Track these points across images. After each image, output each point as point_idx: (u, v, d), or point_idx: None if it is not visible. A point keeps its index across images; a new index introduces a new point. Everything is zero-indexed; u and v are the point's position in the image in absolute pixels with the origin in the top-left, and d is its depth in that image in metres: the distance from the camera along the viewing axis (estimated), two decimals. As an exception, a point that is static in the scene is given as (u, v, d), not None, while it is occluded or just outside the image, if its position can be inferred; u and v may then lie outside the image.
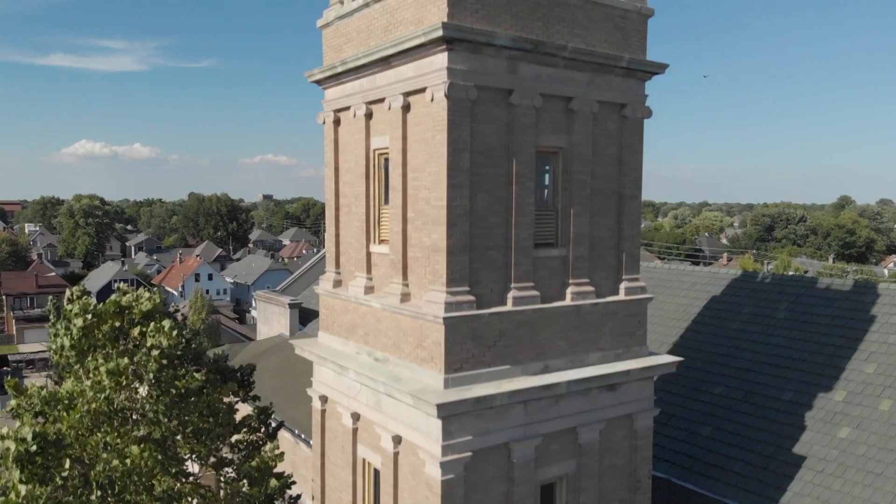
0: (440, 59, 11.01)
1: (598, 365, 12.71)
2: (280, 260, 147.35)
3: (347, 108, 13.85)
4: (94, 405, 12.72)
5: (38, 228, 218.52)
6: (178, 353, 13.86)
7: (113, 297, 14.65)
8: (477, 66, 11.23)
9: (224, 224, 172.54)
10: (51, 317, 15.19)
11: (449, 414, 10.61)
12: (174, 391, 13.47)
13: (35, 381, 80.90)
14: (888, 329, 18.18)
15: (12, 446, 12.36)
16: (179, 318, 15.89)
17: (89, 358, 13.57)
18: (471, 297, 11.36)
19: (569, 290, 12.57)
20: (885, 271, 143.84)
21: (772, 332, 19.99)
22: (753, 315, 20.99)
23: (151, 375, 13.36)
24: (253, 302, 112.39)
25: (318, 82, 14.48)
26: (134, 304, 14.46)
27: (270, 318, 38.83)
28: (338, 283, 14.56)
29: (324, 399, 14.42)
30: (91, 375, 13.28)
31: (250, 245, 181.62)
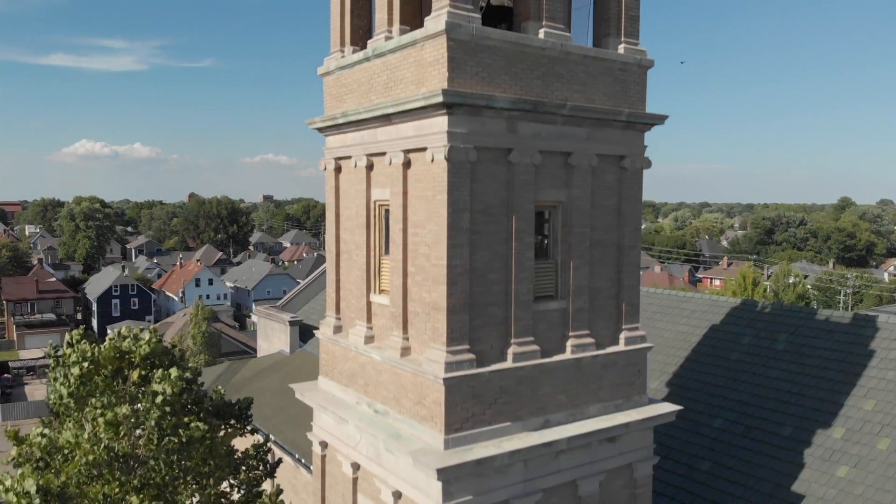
0: (440, 122, 11.06)
1: (598, 417, 12.77)
2: (280, 263, 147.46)
3: (348, 158, 13.90)
4: (91, 457, 12.77)
5: (38, 230, 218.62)
6: (182, 400, 13.93)
7: (112, 341, 14.69)
8: (477, 128, 11.28)
9: (224, 227, 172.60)
10: (50, 362, 15.25)
11: (449, 477, 10.67)
12: (176, 440, 13.53)
13: (35, 388, 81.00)
14: (887, 365, 18.23)
15: (14, 500, 12.43)
16: (177, 352, 15.92)
17: (87, 408, 13.63)
18: (471, 356, 11.41)
19: (569, 343, 12.62)
20: (886, 275, 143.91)
21: (771, 365, 20.02)
22: (753, 346, 21.03)
23: (153, 423, 13.40)
24: (253, 307, 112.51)
25: (320, 130, 14.52)
26: (134, 347, 14.50)
27: (270, 334, 38.88)
28: (338, 329, 14.60)
29: (324, 444, 14.47)
30: (90, 425, 13.32)
31: (251, 248, 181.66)
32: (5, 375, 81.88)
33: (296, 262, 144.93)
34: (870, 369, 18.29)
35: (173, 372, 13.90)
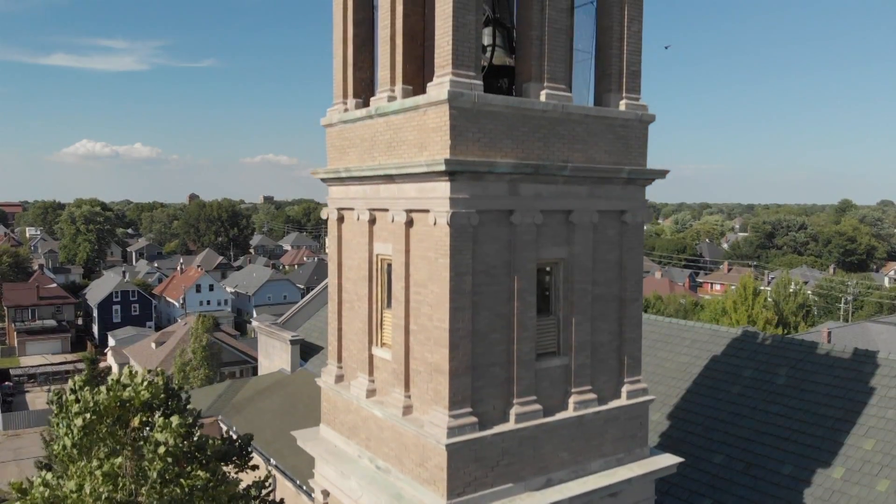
0: (443, 188, 11.10)
1: (600, 473, 12.82)
2: (281, 268, 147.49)
3: (351, 209, 13.94)
4: (93, 509, 12.84)
5: (38, 233, 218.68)
6: (184, 448, 13.99)
7: (113, 388, 14.74)
8: (479, 192, 11.33)
9: (225, 230, 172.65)
10: (53, 409, 15.34)
11: (452, 544, 10.73)
12: (178, 489, 13.59)
13: (36, 395, 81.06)
14: (886, 403, 18.27)
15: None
16: (177, 384, 15.98)
17: (84, 461, 13.71)
18: (473, 419, 11.46)
19: (571, 400, 12.67)
20: (886, 280, 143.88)
21: (772, 400, 20.06)
22: (754, 380, 21.07)
23: (155, 473, 13.46)
24: (254, 313, 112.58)
25: (323, 180, 14.57)
26: (134, 396, 14.55)
27: (271, 352, 38.91)
28: (339, 379, 14.65)
29: (326, 493, 14.52)
30: (90, 477, 13.39)
31: (251, 252, 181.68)
32: (6, 383, 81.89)
33: (296, 267, 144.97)
34: (870, 407, 18.34)
35: (175, 420, 13.96)
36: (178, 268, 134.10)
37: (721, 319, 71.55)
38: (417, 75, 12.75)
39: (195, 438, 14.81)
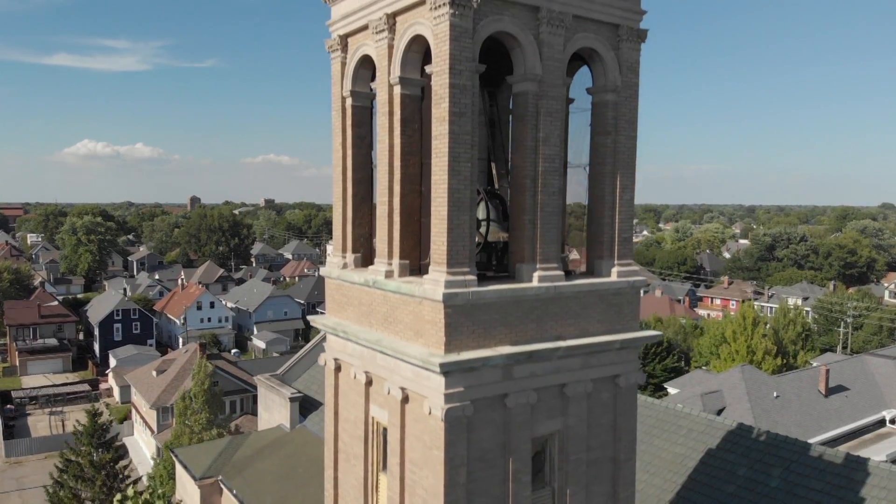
0: (438, 382, 11.31)
1: None
2: (282, 280, 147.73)
3: (349, 364, 14.14)
4: None
5: (40, 240, 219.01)
6: None
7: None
8: (473, 382, 11.53)
9: (226, 240, 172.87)
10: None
11: None
12: None
13: (38, 419, 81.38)
14: (878, 516, 18.53)
15: None
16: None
17: None
18: None
19: (564, 566, 12.87)
20: (886, 293, 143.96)
21: (765, 503, 20.34)
22: (748, 479, 21.32)
23: None
24: (255, 329, 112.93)
25: (323, 330, 14.77)
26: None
27: (271, 406, 39.16)
28: (338, 527, 14.86)
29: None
30: None
31: (252, 260, 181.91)
32: (8, 406, 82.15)
33: (297, 279, 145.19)
34: (861, 520, 18.60)
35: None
36: (179, 282, 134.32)
37: (721, 348, 71.79)
38: (415, 248, 12.96)
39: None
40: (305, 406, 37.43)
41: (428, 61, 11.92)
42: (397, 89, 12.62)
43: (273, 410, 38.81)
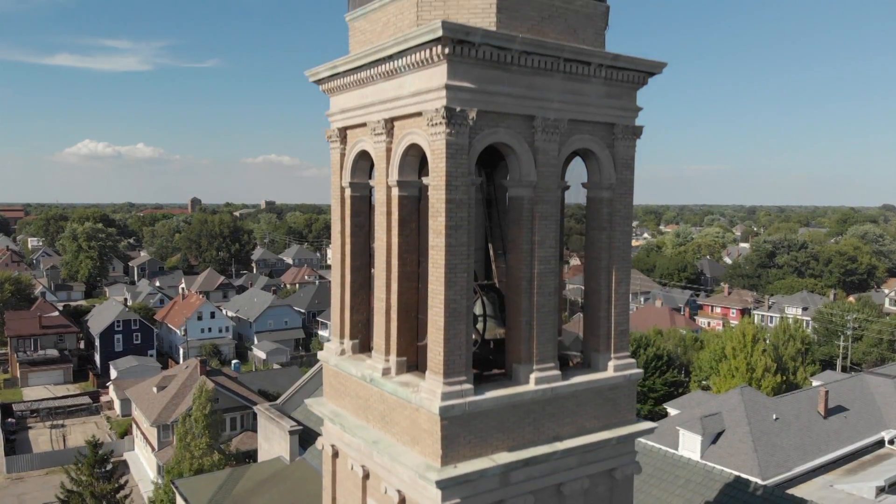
0: (434, 493, 11.43)
1: None
2: (282, 287, 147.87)
3: (347, 455, 14.26)
4: None
5: (40, 244, 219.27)
6: None
7: None
8: (470, 492, 11.62)
9: (227, 245, 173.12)
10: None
11: None
12: None
13: (39, 432, 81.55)
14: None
15: None
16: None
17: None
18: None
19: None
20: (887, 300, 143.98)
21: (762, 563, 20.46)
22: (745, 536, 21.46)
23: None
24: (255, 339, 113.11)
25: (321, 413, 14.89)
26: None
27: (271, 437, 39.32)
28: None
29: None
30: None
31: (253, 265, 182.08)
32: (9, 420, 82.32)
33: (297, 287, 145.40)
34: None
35: None
36: (180, 290, 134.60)
37: (721, 364, 71.91)
38: (412, 344, 13.07)
39: None
40: (305, 438, 37.58)
41: (426, 162, 12.04)
42: (395, 191, 12.74)
43: (273, 441, 38.95)
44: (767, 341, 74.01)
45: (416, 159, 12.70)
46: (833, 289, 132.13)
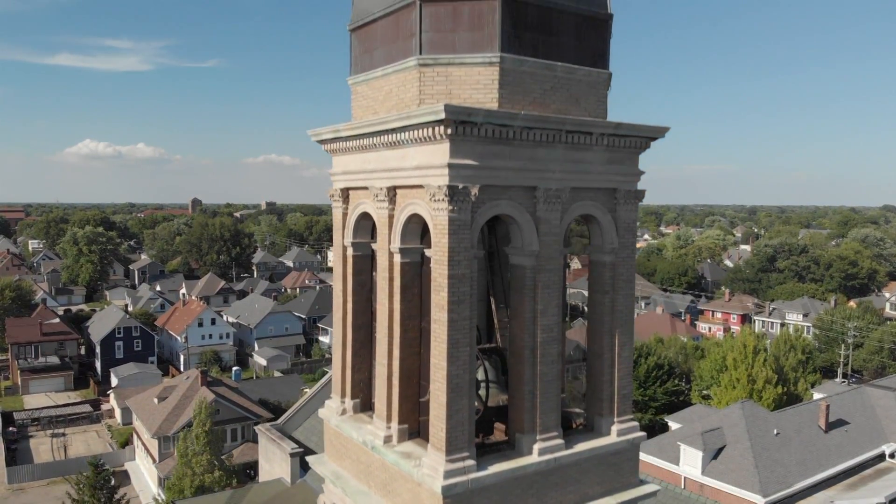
0: (437, 569, 11.40)
1: None
2: (283, 292, 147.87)
3: (347, 513, 14.24)
4: None
5: (41, 247, 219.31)
6: None
7: None
8: (472, 565, 11.62)
9: (228, 249, 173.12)
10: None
11: None
12: None
13: (40, 441, 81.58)
14: None
15: None
16: None
17: None
18: None
19: None
20: (888, 304, 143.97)
21: None
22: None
23: None
24: (256, 346, 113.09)
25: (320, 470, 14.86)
26: None
27: (272, 458, 39.29)
28: None
29: None
30: None
31: (253, 270, 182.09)
32: (10, 429, 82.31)
33: (298, 291, 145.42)
34: None
35: None
36: (181, 296, 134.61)
37: (722, 376, 71.90)
38: (413, 410, 13.04)
39: None
40: (305, 459, 37.52)
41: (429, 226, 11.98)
42: (397, 257, 12.70)
43: (273, 463, 38.91)
44: (768, 351, 73.97)
45: (418, 226, 12.65)
46: (834, 293, 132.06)
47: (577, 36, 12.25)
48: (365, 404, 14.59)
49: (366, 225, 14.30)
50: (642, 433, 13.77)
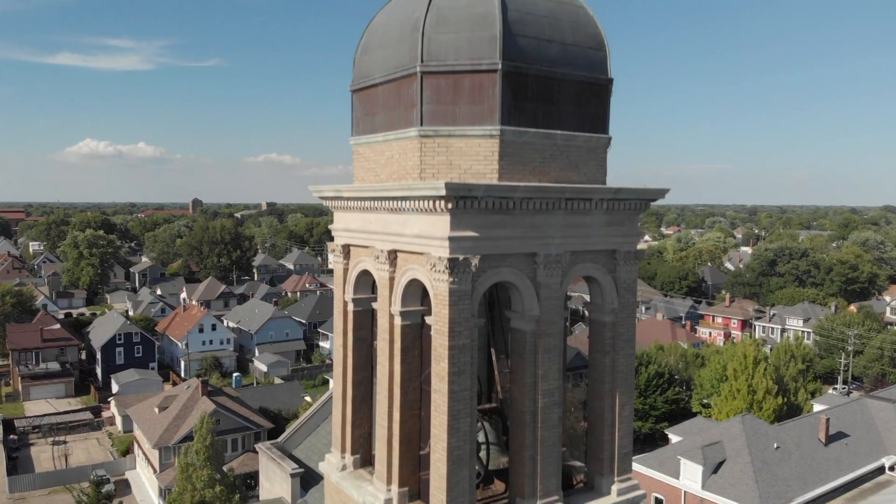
0: None
1: None
2: (283, 296, 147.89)
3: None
4: None
5: (42, 249, 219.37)
6: None
7: None
8: None
9: (228, 252, 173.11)
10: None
11: None
12: None
13: (41, 449, 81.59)
14: None
15: None
16: None
17: None
18: None
19: None
20: (888, 308, 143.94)
21: None
22: None
23: None
24: (256, 351, 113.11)
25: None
26: None
27: (272, 477, 39.33)
28: None
29: None
30: None
31: (254, 273, 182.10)
32: (11, 437, 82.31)
33: (298, 296, 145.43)
34: None
35: None
36: (181, 300, 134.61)
37: (722, 385, 71.90)
38: (414, 473, 13.04)
39: None
40: (306, 479, 37.59)
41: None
42: (398, 320, 12.71)
43: (274, 482, 38.94)
44: (769, 361, 73.95)
45: (419, 289, 12.66)
46: (835, 298, 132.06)
47: (577, 103, 12.26)
48: (365, 459, 14.60)
49: (366, 280, 14.31)
50: (642, 492, 13.79)
